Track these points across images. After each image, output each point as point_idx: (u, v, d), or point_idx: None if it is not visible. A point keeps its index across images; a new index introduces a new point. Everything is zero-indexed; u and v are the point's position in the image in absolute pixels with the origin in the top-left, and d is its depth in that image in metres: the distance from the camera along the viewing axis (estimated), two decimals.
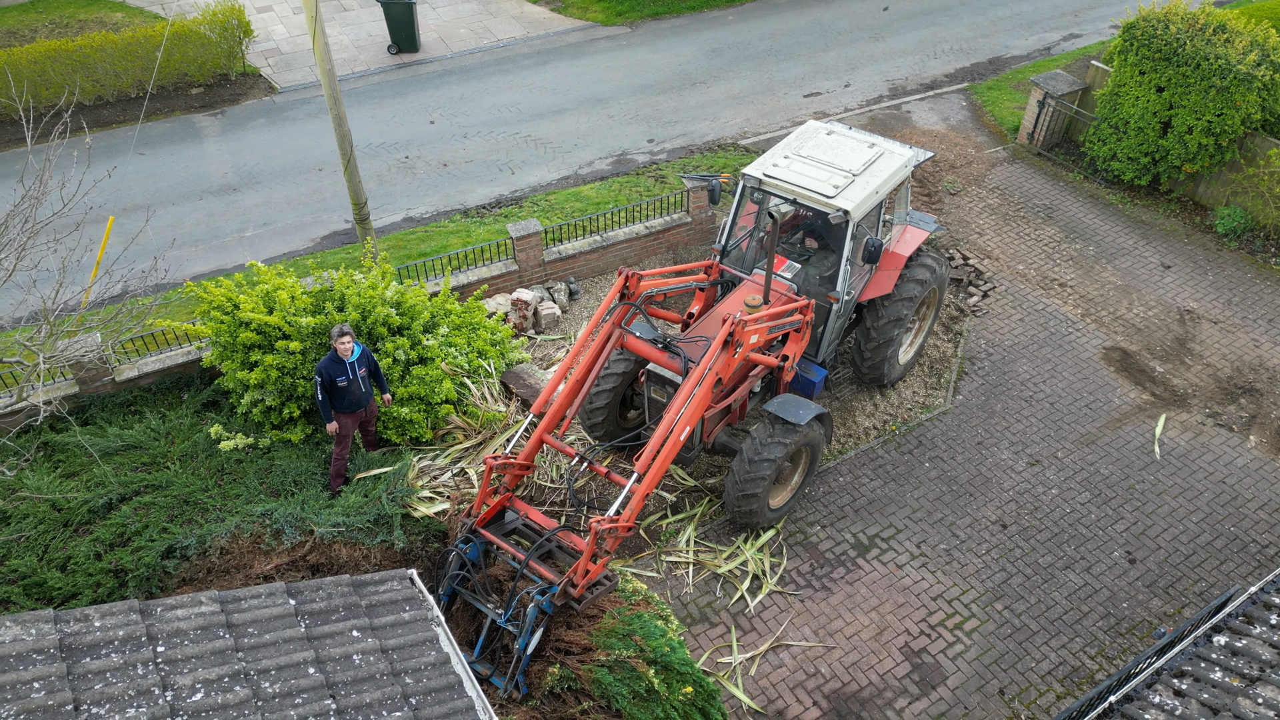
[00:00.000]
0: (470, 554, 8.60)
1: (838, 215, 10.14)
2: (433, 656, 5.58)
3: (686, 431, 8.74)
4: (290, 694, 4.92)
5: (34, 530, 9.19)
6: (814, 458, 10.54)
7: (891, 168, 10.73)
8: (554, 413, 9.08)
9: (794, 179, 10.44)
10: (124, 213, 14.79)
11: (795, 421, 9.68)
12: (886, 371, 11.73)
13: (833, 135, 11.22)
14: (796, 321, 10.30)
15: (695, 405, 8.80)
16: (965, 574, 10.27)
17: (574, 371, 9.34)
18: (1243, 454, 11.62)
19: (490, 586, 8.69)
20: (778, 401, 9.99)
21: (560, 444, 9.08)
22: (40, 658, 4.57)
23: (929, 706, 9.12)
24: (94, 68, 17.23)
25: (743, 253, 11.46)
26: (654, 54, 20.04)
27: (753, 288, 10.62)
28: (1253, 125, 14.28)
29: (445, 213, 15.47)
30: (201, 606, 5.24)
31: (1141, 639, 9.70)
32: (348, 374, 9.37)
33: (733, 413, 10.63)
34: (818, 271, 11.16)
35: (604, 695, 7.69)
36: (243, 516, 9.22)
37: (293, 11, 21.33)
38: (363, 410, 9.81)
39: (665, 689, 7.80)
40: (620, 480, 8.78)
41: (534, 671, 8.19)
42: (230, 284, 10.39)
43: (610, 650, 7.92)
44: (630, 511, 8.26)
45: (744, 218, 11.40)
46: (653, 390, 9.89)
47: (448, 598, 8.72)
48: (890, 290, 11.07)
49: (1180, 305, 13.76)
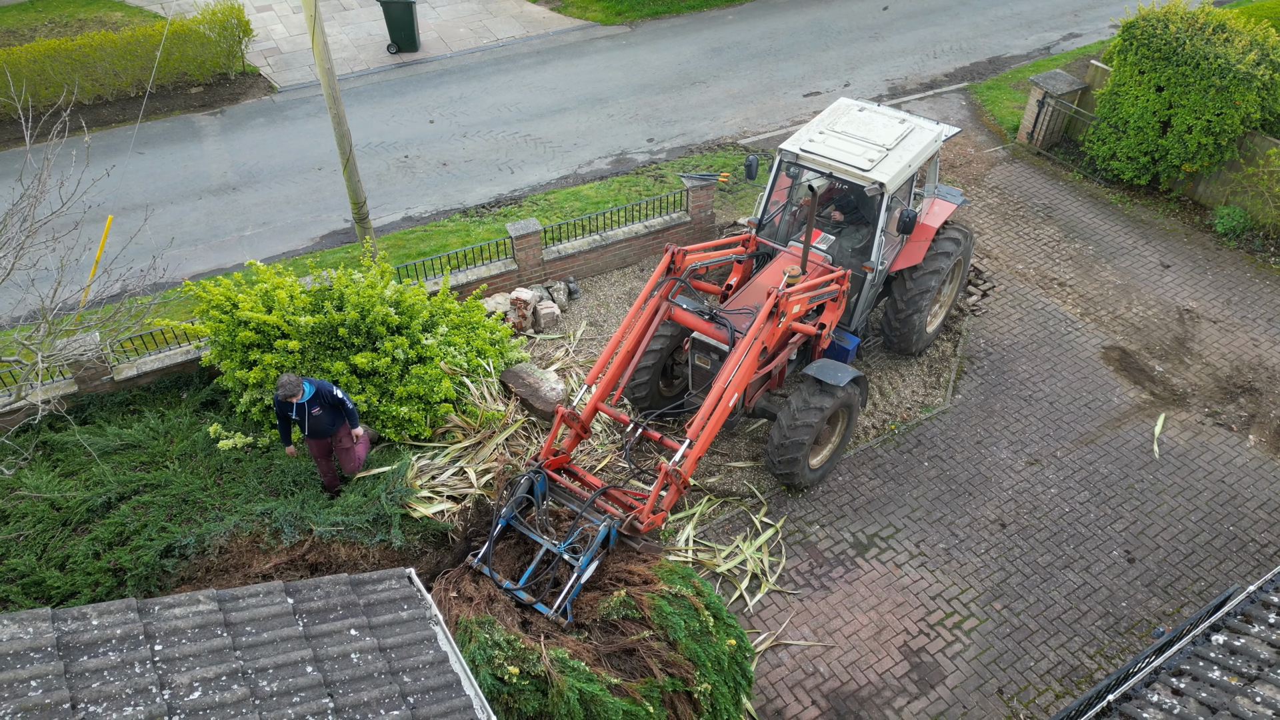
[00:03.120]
0: (538, 486, 8.90)
1: (873, 188, 10.58)
2: (430, 655, 5.57)
3: (735, 397, 9.32)
4: (288, 692, 4.91)
5: (33, 529, 9.19)
6: (850, 419, 10.97)
7: (923, 142, 11.17)
8: (607, 382, 9.59)
9: (830, 153, 10.88)
10: (123, 212, 14.79)
11: (835, 383, 10.13)
12: (915, 340, 12.08)
13: (864, 111, 11.67)
14: (833, 291, 10.77)
15: (743, 372, 9.39)
16: (964, 573, 10.27)
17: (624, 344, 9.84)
18: (1242, 453, 11.62)
19: (547, 524, 8.93)
20: (817, 365, 10.43)
21: (614, 411, 9.76)
22: (37, 656, 4.56)
23: (928, 706, 9.11)
24: (93, 67, 17.22)
25: (775, 227, 11.85)
26: (654, 53, 20.04)
27: (789, 259, 11.14)
28: (1252, 125, 14.27)
29: (444, 212, 15.47)
30: (199, 605, 5.24)
31: (1140, 638, 9.70)
32: (293, 413, 9.16)
33: (773, 379, 11.15)
34: (850, 243, 11.60)
35: (662, 626, 7.89)
36: (241, 516, 9.21)
37: (292, 11, 21.32)
38: (329, 439, 9.51)
39: (716, 633, 8.07)
40: (673, 444, 9.32)
41: (582, 602, 8.36)
42: (229, 283, 10.39)
43: (671, 584, 8.20)
44: (689, 465, 8.92)
45: (777, 193, 11.82)
46: (697, 358, 10.46)
47: (504, 524, 8.78)
48: (920, 261, 11.49)
49: (1180, 305, 13.76)
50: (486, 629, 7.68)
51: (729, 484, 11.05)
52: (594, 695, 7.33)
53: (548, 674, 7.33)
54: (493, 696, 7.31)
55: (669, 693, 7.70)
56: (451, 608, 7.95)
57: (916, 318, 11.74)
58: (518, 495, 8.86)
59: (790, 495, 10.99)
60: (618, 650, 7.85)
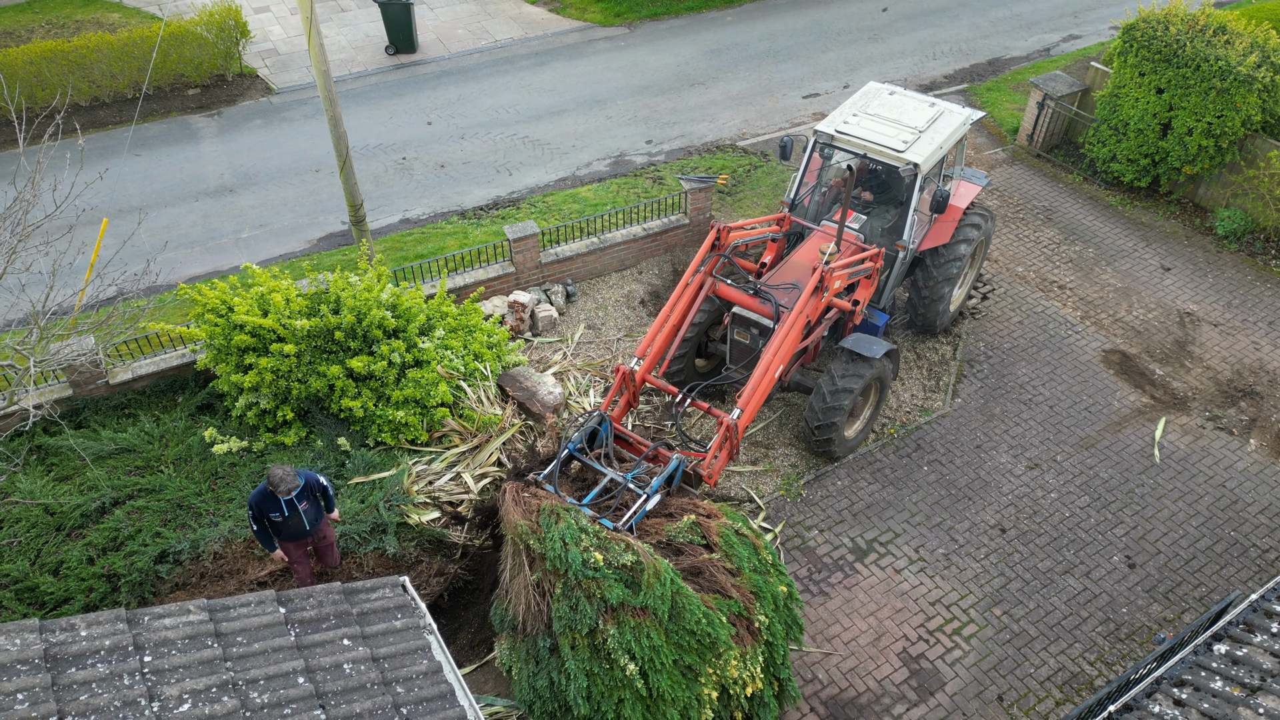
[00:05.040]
0: (603, 429, 9.33)
1: (908, 168, 10.97)
2: (424, 665, 5.52)
3: (781, 369, 9.80)
4: (279, 704, 4.86)
5: (26, 535, 9.14)
6: (883, 391, 11.36)
7: (953, 125, 11.54)
8: (654, 354, 9.92)
9: (865, 134, 11.24)
10: (119, 214, 14.72)
11: (870, 355, 10.49)
12: (939, 319, 12.45)
13: (895, 95, 12.06)
14: (868, 269, 11.12)
15: (789, 343, 9.84)
16: (964, 579, 10.21)
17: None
18: (1243, 457, 11.56)
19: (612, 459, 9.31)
20: (852, 339, 10.78)
21: (662, 383, 10.04)
22: (24, 668, 4.50)
23: (927, 713, 9.05)
24: (90, 68, 17.16)
25: (805, 207, 12.18)
26: (652, 55, 19.98)
27: (823, 238, 11.47)
28: (1253, 127, 14.22)
29: (442, 214, 15.41)
30: (189, 615, 5.18)
31: (1141, 644, 9.64)
32: (283, 510, 8.16)
33: (808, 353, 11.56)
34: (880, 223, 11.96)
35: (727, 553, 8.25)
36: (236, 521, 9.15)
37: (290, 12, 21.26)
38: (310, 538, 8.63)
39: (773, 573, 8.34)
40: (720, 414, 9.65)
41: (646, 525, 8.61)
42: (225, 286, 10.32)
43: (734, 521, 8.61)
44: (743, 423, 9.44)
45: (808, 174, 12.20)
46: (736, 333, 10.82)
47: (571, 449, 9.09)
48: (947, 240, 11.85)
49: (1180, 308, 13.70)
50: (571, 515, 7.92)
51: (728, 489, 10.99)
52: (680, 588, 7.64)
53: (634, 564, 7.56)
54: (575, 582, 7.50)
55: (733, 614, 7.93)
56: (527, 502, 8.12)
57: (943, 294, 12.11)
58: (586, 427, 9.24)
59: (789, 500, 10.94)
60: (686, 570, 8.10)
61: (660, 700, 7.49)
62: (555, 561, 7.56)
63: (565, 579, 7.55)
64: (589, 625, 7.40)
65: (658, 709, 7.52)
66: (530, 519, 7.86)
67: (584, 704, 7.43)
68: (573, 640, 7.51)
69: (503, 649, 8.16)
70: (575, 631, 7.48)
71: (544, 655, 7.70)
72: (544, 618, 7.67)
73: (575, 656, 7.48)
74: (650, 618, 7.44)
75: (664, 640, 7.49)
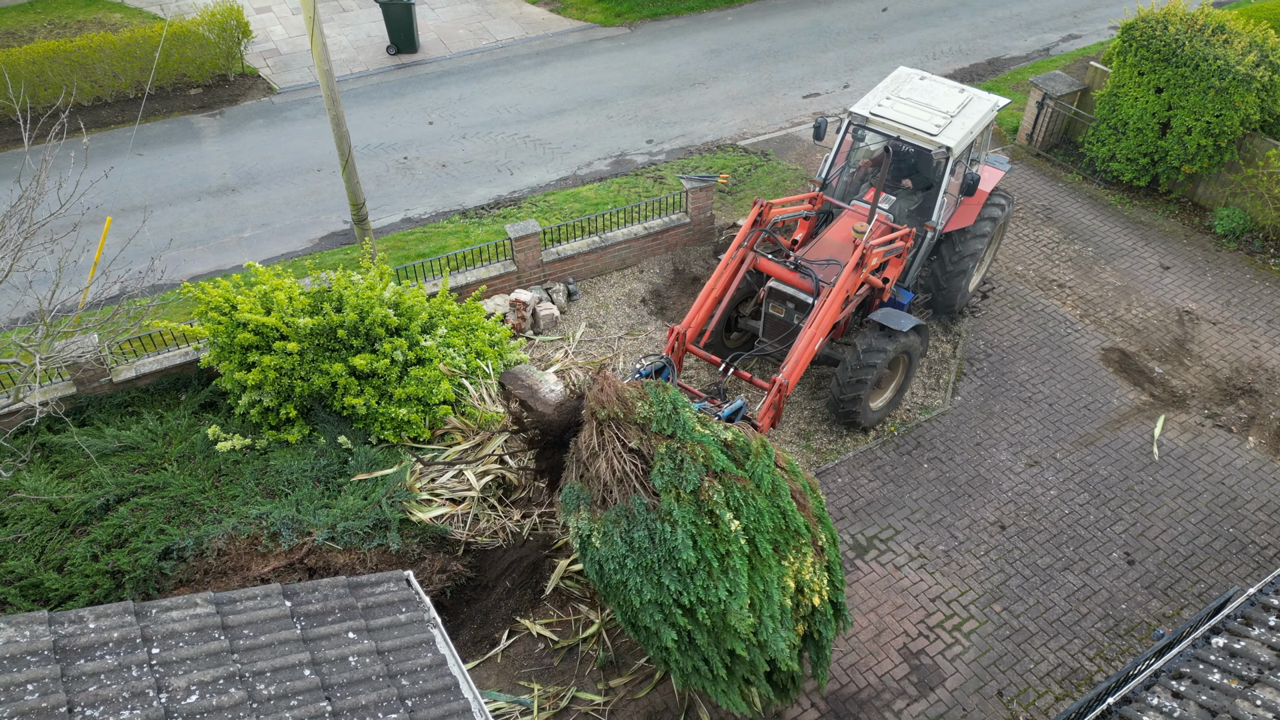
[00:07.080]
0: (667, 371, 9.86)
1: (940, 151, 11.36)
2: (429, 658, 5.55)
3: (820, 341, 10.19)
4: (286, 696, 4.90)
5: (31, 531, 9.18)
6: (910, 365, 11.61)
7: (982, 110, 11.92)
8: (697, 324, 10.28)
9: (899, 117, 11.59)
10: (122, 213, 14.78)
11: (898, 329, 10.81)
12: (959, 296, 12.79)
13: (925, 80, 12.39)
14: (899, 248, 11.44)
15: (829, 317, 10.21)
16: (964, 575, 10.25)
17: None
18: (1241, 455, 11.61)
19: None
20: (881, 313, 11.11)
21: (704, 353, 10.55)
22: (34, 660, 4.54)
23: (927, 708, 9.10)
24: (92, 68, 17.21)
25: (833, 187, 12.51)
26: (653, 55, 20.03)
27: (854, 217, 11.80)
28: (1251, 126, 14.27)
29: (444, 213, 15.46)
30: (197, 608, 5.22)
31: (1140, 640, 9.69)
32: None
33: (838, 328, 11.77)
34: (907, 204, 12.33)
35: (789, 470, 8.41)
36: (239, 518, 9.20)
37: (291, 12, 21.31)
38: None
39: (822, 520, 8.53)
40: (762, 384, 10.22)
41: None
42: (228, 285, 10.37)
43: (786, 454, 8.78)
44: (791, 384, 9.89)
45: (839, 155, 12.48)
46: (771, 307, 11.15)
47: (644, 374, 9.55)
48: (970, 223, 12.19)
49: (1179, 306, 13.75)
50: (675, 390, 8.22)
51: None
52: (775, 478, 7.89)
53: (734, 439, 7.92)
54: (679, 444, 7.67)
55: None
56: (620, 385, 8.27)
57: (966, 269, 12.40)
58: (653, 364, 9.64)
59: None
60: None
61: (762, 564, 7.57)
62: (663, 423, 7.72)
63: (669, 442, 7.66)
64: (693, 484, 7.45)
65: (756, 572, 7.57)
66: (633, 390, 7.97)
67: (691, 551, 7.35)
68: (677, 495, 7.49)
69: (580, 520, 7.89)
70: (679, 488, 7.48)
71: (640, 512, 7.55)
72: (632, 485, 7.62)
73: (680, 507, 7.45)
74: (753, 485, 7.66)
75: (768, 505, 7.69)
